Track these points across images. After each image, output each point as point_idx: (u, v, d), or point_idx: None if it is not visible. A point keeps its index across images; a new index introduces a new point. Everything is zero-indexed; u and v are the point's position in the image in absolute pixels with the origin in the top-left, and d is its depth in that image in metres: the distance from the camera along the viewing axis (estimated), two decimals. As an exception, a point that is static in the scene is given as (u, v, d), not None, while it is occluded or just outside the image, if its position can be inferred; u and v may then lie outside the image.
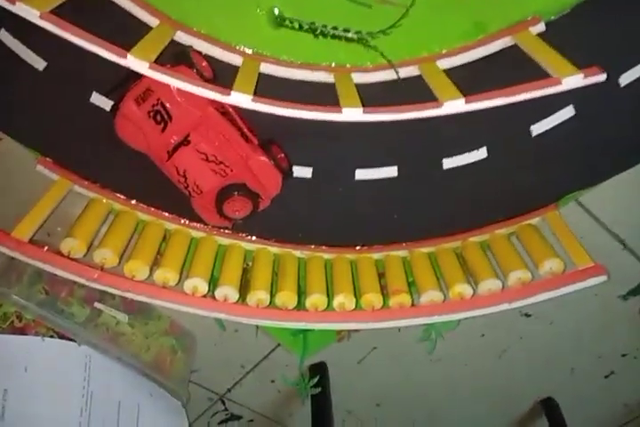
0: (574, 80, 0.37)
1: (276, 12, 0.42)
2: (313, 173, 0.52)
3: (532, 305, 0.54)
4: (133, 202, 0.54)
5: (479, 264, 0.51)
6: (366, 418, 0.82)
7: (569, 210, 0.56)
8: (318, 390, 0.67)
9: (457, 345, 0.71)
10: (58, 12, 0.37)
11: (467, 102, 0.37)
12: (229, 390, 0.78)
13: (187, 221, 0.55)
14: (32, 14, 0.34)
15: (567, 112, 0.48)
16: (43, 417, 0.60)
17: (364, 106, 0.39)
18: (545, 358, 0.74)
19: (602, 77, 0.37)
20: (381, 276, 0.55)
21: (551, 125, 0.49)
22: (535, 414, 0.80)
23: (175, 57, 0.42)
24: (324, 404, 0.70)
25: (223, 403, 0.79)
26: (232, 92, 0.37)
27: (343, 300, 0.51)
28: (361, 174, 0.52)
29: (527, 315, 0.68)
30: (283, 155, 0.49)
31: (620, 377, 0.76)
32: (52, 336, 0.60)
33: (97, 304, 0.60)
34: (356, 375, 0.76)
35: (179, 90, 0.42)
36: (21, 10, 0.34)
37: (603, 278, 0.47)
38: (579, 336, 0.71)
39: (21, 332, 0.59)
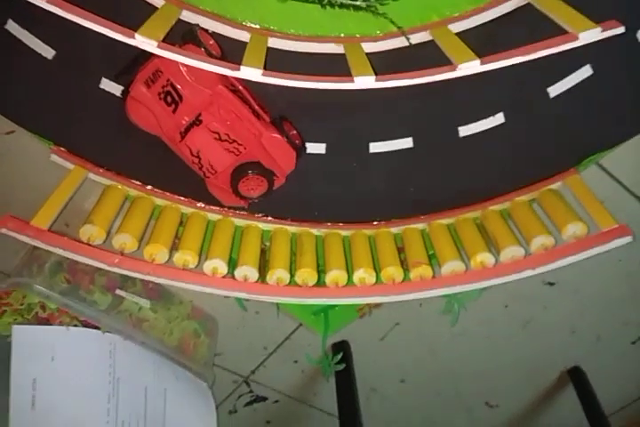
0: (592, 34, 0.36)
1: (281, -17, 0.41)
2: (326, 148, 0.52)
3: (555, 273, 0.53)
4: (149, 187, 0.54)
5: (500, 232, 0.51)
6: (391, 395, 0.82)
7: (590, 173, 0.55)
8: (342, 366, 0.67)
9: (480, 318, 0.71)
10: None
11: (482, 63, 0.36)
12: (253, 372, 0.78)
13: (202, 205, 0.55)
14: (38, -2, 0.34)
15: (584, 72, 0.47)
16: (72, 405, 0.61)
17: (376, 74, 0.38)
18: (570, 327, 0.73)
19: (620, 30, 0.36)
20: (401, 250, 0.55)
21: (568, 86, 0.48)
22: (563, 383, 0.80)
23: (182, 36, 0.42)
24: (348, 381, 0.71)
25: (248, 385, 0.80)
26: (242, 67, 0.36)
27: (363, 274, 0.51)
28: (375, 147, 0.51)
29: (550, 284, 0.68)
30: (295, 131, 0.48)
31: (646, 343, 0.75)
32: (75, 325, 0.60)
33: (118, 291, 0.61)
34: (379, 352, 0.76)
35: (188, 69, 0.42)
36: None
37: (628, 239, 0.46)
38: (603, 303, 0.70)
39: (46, 322, 0.60)
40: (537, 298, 0.69)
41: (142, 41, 0.35)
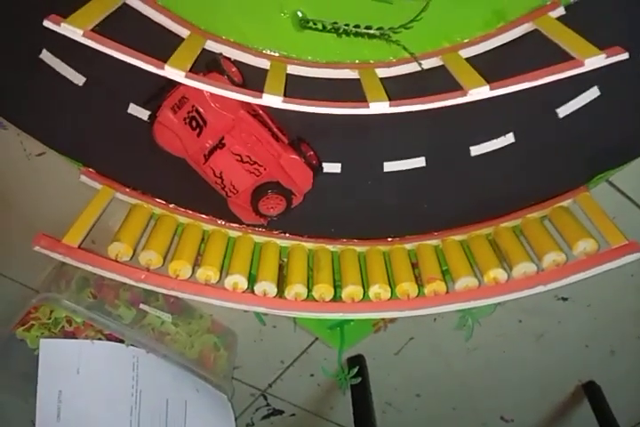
0: (597, 60, 0.37)
1: (300, 14, 0.44)
2: (342, 167, 0.54)
3: (568, 289, 0.54)
4: (172, 206, 0.56)
5: (512, 249, 0.52)
6: (406, 409, 0.83)
7: (600, 190, 0.56)
8: (358, 380, 0.68)
9: (494, 333, 0.72)
10: (96, 29, 0.39)
11: (492, 89, 0.38)
12: (270, 386, 0.80)
13: (223, 222, 0.57)
14: (76, 33, 0.36)
15: (592, 93, 0.49)
16: (95, 417, 0.63)
17: (389, 99, 0.40)
18: (584, 342, 0.74)
19: (624, 56, 0.37)
20: (415, 266, 0.56)
21: (577, 107, 0.49)
22: (578, 398, 0.80)
23: (207, 65, 0.44)
24: (364, 395, 0.72)
25: (265, 398, 0.81)
26: (264, 94, 0.39)
27: (379, 290, 0.53)
28: (389, 167, 0.53)
29: (564, 299, 0.68)
30: (312, 152, 0.50)
31: (661, 358, 0.76)
32: (100, 339, 0.63)
33: (142, 306, 0.63)
34: (394, 367, 0.77)
35: (212, 96, 0.44)
36: (66, 30, 0.36)
37: (638, 255, 0.47)
38: (616, 318, 0.71)
39: (72, 335, 0.62)
40: (550, 313, 0.70)
41: (171, 72, 0.38)
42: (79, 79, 0.50)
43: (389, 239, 0.58)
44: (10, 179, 0.61)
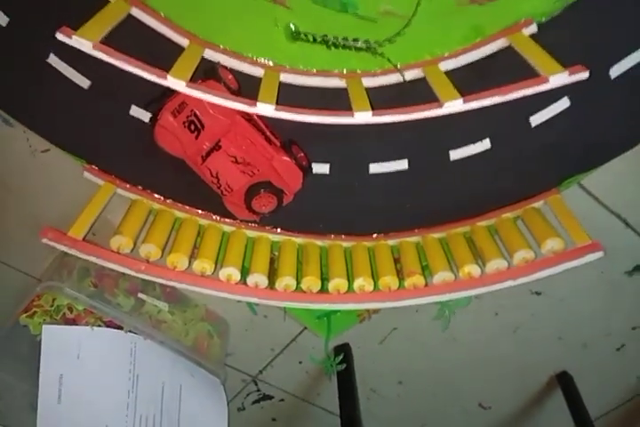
0: (560, 78, 0.41)
1: (292, 27, 0.47)
2: (330, 168, 0.57)
3: (541, 283, 0.58)
4: (170, 202, 0.59)
5: (487, 246, 0.56)
6: (389, 395, 0.87)
7: (572, 193, 0.60)
8: (343, 366, 0.72)
9: (472, 324, 0.76)
10: (104, 39, 0.42)
11: (465, 102, 0.42)
12: (261, 372, 0.83)
13: (218, 217, 0.60)
14: (86, 45, 0.40)
15: (563, 103, 0.52)
16: (94, 399, 0.67)
17: (373, 109, 0.44)
18: (557, 334, 0.78)
19: (585, 75, 0.41)
20: (397, 261, 0.60)
21: (548, 116, 0.53)
22: (551, 387, 0.85)
23: (205, 73, 0.48)
24: (349, 381, 0.76)
25: (256, 384, 0.85)
26: (257, 103, 0.42)
27: (363, 282, 0.56)
28: (374, 168, 0.57)
29: (537, 293, 0.73)
30: (302, 154, 0.54)
31: (631, 350, 0.80)
32: (99, 326, 0.66)
33: (140, 295, 0.67)
34: (379, 355, 0.81)
35: (209, 102, 0.47)
36: (77, 42, 0.39)
37: (599, 254, 0.51)
38: (588, 312, 0.75)
39: (73, 322, 0.65)
40: (525, 306, 0.74)
41: (173, 82, 0.41)
42: (84, 82, 0.53)
43: (374, 236, 0.62)
44: (15, 173, 0.64)
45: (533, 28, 0.47)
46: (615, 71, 0.51)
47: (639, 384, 0.86)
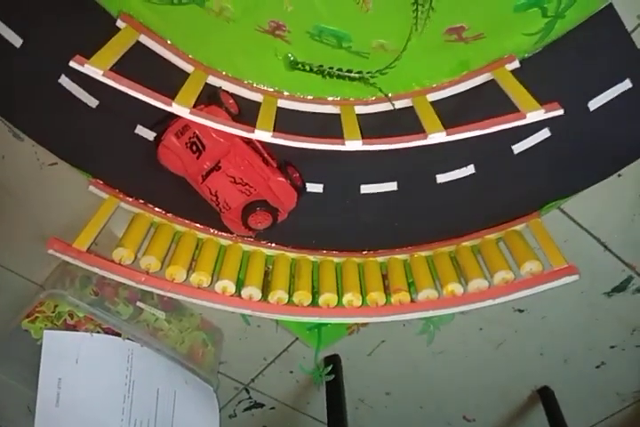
0: (537, 115, 0.44)
1: (291, 57, 0.51)
2: (324, 188, 0.60)
3: (524, 301, 0.61)
4: (170, 216, 0.62)
5: (470, 266, 0.59)
6: (377, 406, 0.89)
7: (553, 217, 0.63)
8: (332, 376, 0.74)
9: (458, 339, 0.79)
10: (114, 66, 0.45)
11: (448, 134, 0.45)
12: (253, 380, 0.86)
13: (216, 231, 0.63)
14: (97, 73, 0.43)
15: (543, 133, 0.56)
16: (91, 403, 0.69)
17: (363, 136, 0.47)
18: (539, 350, 0.81)
19: (559, 112, 0.44)
20: (385, 277, 0.63)
21: (530, 145, 0.56)
22: (533, 401, 0.87)
23: (208, 98, 0.51)
24: (337, 392, 0.78)
25: (247, 392, 0.87)
26: (255, 130, 0.45)
27: (351, 297, 0.59)
28: (365, 189, 0.60)
29: (520, 310, 0.75)
30: (297, 174, 0.57)
31: (610, 367, 0.82)
32: (98, 332, 0.68)
33: (139, 303, 0.69)
34: (367, 367, 0.84)
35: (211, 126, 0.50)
36: (88, 70, 0.43)
37: (575, 277, 0.54)
38: (569, 330, 0.78)
39: (73, 328, 0.68)
40: (508, 323, 0.77)
41: (177, 108, 0.44)
42: (93, 102, 0.56)
43: (364, 252, 0.65)
44: (23, 185, 0.66)
45: (516, 64, 0.51)
46: (594, 104, 0.54)
47: (619, 401, 0.88)
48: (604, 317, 0.76)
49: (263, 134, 0.45)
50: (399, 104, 0.52)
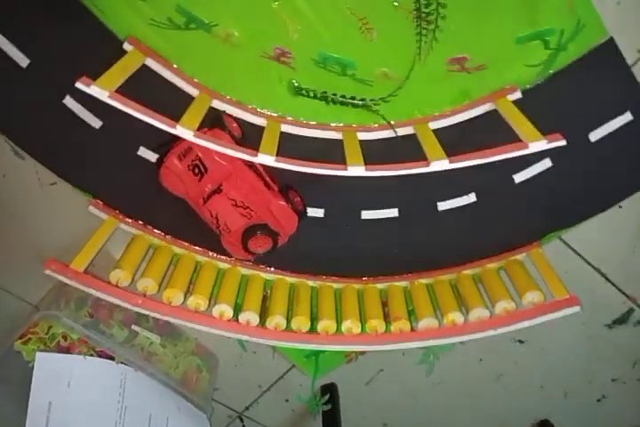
0: (539, 145, 0.44)
1: (295, 83, 0.51)
2: (325, 213, 0.60)
3: (525, 332, 0.60)
4: (169, 238, 0.62)
5: (470, 295, 0.58)
6: (374, 437, 0.87)
7: (554, 247, 0.63)
8: (329, 406, 0.73)
9: (457, 369, 0.77)
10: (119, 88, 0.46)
11: (450, 162, 0.45)
12: (247, 409, 0.84)
13: (214, 254, 0.63)
14: (102, 94, 0.43)
15: (544, 164, 0.56)
16: (81, 428, 0.67)
17: (366, 162, 0.47)
18: (539, 383, 0.79)
19: (562, 143, 0.44)
20: (385, 304, 0.62)
21: (531, 175, 0.56)
22: (533, 435, 0.85)
23: (211, 121, 0.51)
24: (334, 421, 0.76)
25: (241, 420, 0.85)
26: (259, 154, 0.45)
27: (350, 325, 0.58)
28: (366, 215, 0.60)
29: (520, 341, 0.74)
30: (299, 198, 0.57)
31: (611, 401, 0.81)
32: (92, 355, 0.67)
33: (134, 327, 0.68)
34: (364, 396, 0.82)
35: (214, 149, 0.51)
36: (94, 91, 0.43)
37: (577, 309, 0.53)
38: (569, 362, 0.76)
39: (66, 351, 0.66)
40: (508, 354, 0.75)
41: (182, 131, 0.44)
42: (96, 123, 0.56)
43: (364, 279, 0.64)
44: (22, 203, 0.66)
45: (518, 94, 0.51)
46: (595, 135, 0.54)
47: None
48: (605, 349, 0.75)
49: (266, 158, 0.45)
50: (401, 131, 0.53)
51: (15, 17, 0.51)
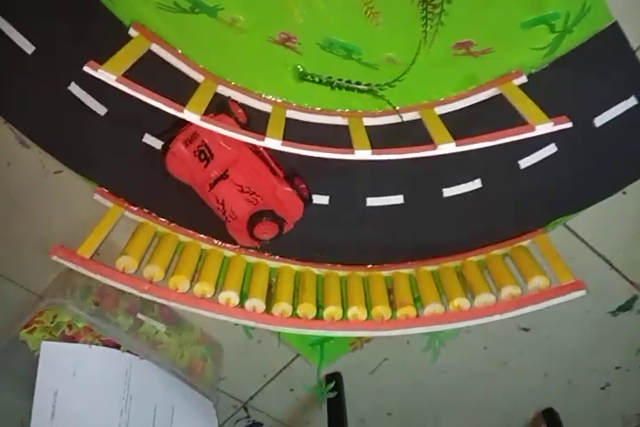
0: (546, 127, 0.44)
1: (300, 68, 0.51)
2: (330, 200, 0.60)
3: (529, 320, 0.60)
4: (175, 225, 0.62)
5: (476, 281, 0.58)
6: (379, 426, 0.88)
7: (558, 233, 0.63)
8: (334, 394, 0.73)
9: (461, 357, 0.78)
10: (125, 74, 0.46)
11: (457, 145, 0.45)
12: (252, 398, 0.84)
13: (219, 242, 0.63)
14: (110, 78, 0.43)
15: (550, 149, 0.56)
16: (87, 417, 0.67)
17: (372, 147, 0.47)
18: (543, 371, 0.80)
19: (568, 125, 0.44)
20: (390, 292, 0.62)
21: (536, 160, 0.56)
22: (537, 424, 0.85)
23: (217, 106, 0.51)
24: (339, 411, 0.76)
25: (246, 410, 0.86)
26: (266, 138, 0.45)
27: (356, 311, 0.59)
28: (372, 202, 0.60)
29: (525, 329, 0.75)
30: (304, 185, 0.57)
31: (615, 389, 0.81)
32: (97, 344, 0.67)
33: (139, 315, 0.68)
34: (369, 385, 0.82)
35: (220, 134, 0.51)
36: (102, 75, 0.43)
37: (582, 293, 0.53)
38: (573, 350, 0.77)
39: (72, 340, 0.66)
40: (513, 342, 0.76)
41: (189, 115, 0.44)
42: (102, 110, 0.56)
43: (369, 266, 0.64)
44: (27, 192, 0.66)
45: (523, 79, 0.51)
46: (599, 120, 0.54)
47: (623, 424, 0.87)
48: (609, 336, 0.75)
49: (273, 142, 0.45)
50: (407, 117, 0.53)
51: (20, 4, 0.51)
